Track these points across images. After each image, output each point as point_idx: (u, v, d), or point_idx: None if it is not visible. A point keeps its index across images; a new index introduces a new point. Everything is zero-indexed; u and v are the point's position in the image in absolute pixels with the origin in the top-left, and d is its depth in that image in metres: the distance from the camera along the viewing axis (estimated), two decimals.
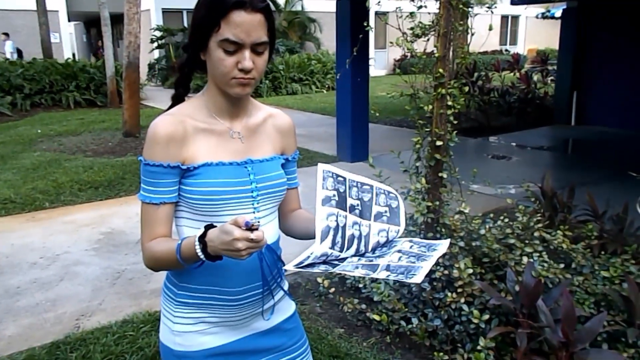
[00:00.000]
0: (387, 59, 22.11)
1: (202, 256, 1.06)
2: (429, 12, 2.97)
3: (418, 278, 1.05)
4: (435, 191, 2.95)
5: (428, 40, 2.94)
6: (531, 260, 2.64)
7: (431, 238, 2.84)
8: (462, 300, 2.55)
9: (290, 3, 19.18)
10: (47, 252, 4.14)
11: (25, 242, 4.35)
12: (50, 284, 3.60)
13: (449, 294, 2.59)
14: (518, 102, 10.34)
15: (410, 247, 1.20)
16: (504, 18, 25.32)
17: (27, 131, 9.24)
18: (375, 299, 2.86)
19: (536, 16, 22.01)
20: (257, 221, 1.01)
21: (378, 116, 9.38)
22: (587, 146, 8.42)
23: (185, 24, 17.55)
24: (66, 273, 3.78)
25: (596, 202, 3.40)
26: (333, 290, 3.18)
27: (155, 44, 16.28)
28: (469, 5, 2.88)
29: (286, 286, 1.40)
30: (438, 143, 2.88)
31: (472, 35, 2.87)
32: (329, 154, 7.37)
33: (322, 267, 1.11)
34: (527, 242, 2.82)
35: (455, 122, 2.91)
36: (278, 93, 14.92)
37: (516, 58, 13.59)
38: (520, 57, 14.34)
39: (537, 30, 25.67)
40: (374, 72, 19.46)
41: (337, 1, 6.83)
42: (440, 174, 2.94)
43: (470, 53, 2.92)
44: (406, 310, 2.77)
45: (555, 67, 11.41)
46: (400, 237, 1.27)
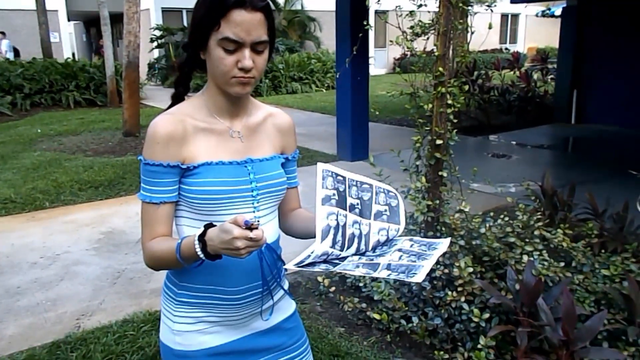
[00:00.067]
0: (387, 58, 22.11)
1: (202, 255, 1.06)
2: (429, 11, 2.97)
3: (419, 277, 1.05)
4: (435, 190, 2.95)
5: (428, 38, 2.94)
6: (531, 258, 2.64)
7: (431, 237, 2.84)
8: (463, 299, 2.55)
9: (290, 2, 19.17)
10: (48, 252, 4.14)
11: (25, 242, 4.35)
12: (50, 284, 3.60)
13: (449, 293, 2.59)
14: (518, 101, 10.34)
15: (410, 246, 1.20)
16: (504, 16, 25.31)
17: (27, 131, 9.23)
18: (375, 298, 2.86)
19: (536, 14, 21.97)
20: (257, 220, 1.01)
21: (378, 115, 9.37)
22: (587, 145, 8.41)
23: (184, 23, 17.55)
24: (66, 273, 3.78)
25: (596, 201, 3.40)
26: (333, 289, 3.18)
27: (155, 44, 16.28)
28: (469, 3, 2.87)
29: (286, 285, 1.40)
30: (438, 142, 2.88)
31: (472, 33, 2.87)
32: (329, 153, 7.37)
33: (323, 266, 1.11)
34: (528, 241, 2.82)
35: (455, 121, 2.91)
36: (278, 92, 14.92)
37: (516, 56, 13.58)
38: (520, 56, 14.34)
39: (537, 28, 25.66)
40: (374, 71, 19.47)
41: (337, 0, 6.82)
42: (440, 173, 2.93)
43: (470, 52, 2.92)
44: (406, 309, 2.77)
45: (555, 66, 11.40)
46: (400, 236, 1.27)
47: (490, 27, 2.97)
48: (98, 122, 10.05)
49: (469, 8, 2.90)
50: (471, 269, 2.58)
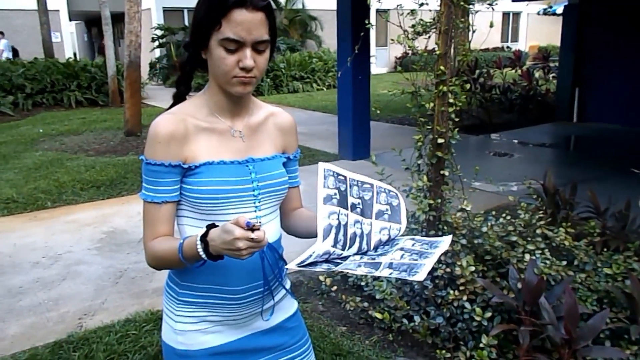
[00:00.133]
0: (389, 57, 22.08)
1: (204, 255, 1.06)
2: (430, 10, 2.96)
3: (421, 275, 1.04)
4: (437, 189, 2.95)
5: (429, 37, 2.93)
6: (533, 257, 2.64)
7: (433, 236, 2.84)
8: (465, 298, 2.55)
9: (291, 1, 19.15)
10: (50, 252, 4.15)
11: (27, 242, 4.36)
12: (52, 284, 3.60)
13: (451, 292, 2.59)
14: (520, 99, 10.33)
15: (412, 245, 1.20)
16: (505, 15, 25.27)
17: (29, 131, 9.25)
18: (377, 297, 2.86)
19: (537, 13, 21.95)
20: (258, 221, 1.01)
21: (379, 114, 9.31)
22: (589, 143, 8.40)
23: (186, 23, 17.55)
24: (68, 272, 3.78)
25: (598, 199, 3.40)
26: (335, 288, 3.18)
27: (156, 43, 16.28)
28: (470, 2, 2.87)
29: (288, 285, 1.40)
30: (440, 141, 2.87)
31: (474, 32, 2.87)
32: (331, 152, 7.37)
33: (325, 266, 1.11)
34: (530, 240, 2.82)
35: (456, 120, 2.90)
36: (279, 91, 14.92)
37: (518, 55, 13.60)
38: (521, 54, 14.33)
39: (539, 27, 25.61)
40: (375, 70, 19.45)
41: None
42: (442, 172, 2.93)
43: (471, 50, 2.91)
44: (408, 308, 2.77)
45: (556, 64, 11.39)
46: (402, 235, 1.27)
47: (491, 26, 2.96)
48: (100, 122, 10.06)
49: (470, 6, 2.89)
50: (473, 268, 2.57)
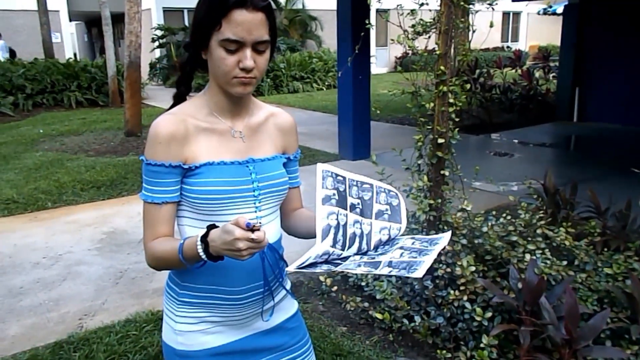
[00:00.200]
0: (389, 57, 22.08)
1: (204, 256, 1.06)
2: (430, 10, 2.96)
3: (420, 272, 1.04)
4: (437, 189, 2.95)
5: (429, 37, 2.93)
6: (534, 257, 2.64)
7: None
8: (465, 298, 2.55)
9: (291, 1, 19.15)
10: (50, 252, 4.15)
11: (27, 242, 4.36)
12: (53, 284, 3.60)
13: (452, 292, 2.58)
14: (520, 99, 10.33)
15: (412, 244, 1.20)
16: (505, 15, 25.27)
17: (29, 131, 9.25)
18: (377, 297, 2.86)
19: (537, 12, 21.94)
20: (259, 222, 1.01)
21: (379, 114, 9.32)
22: (590, 143, 8.40)
23: (186, 23, 17.55)
24: (69, 273, 3.78)
25: (599, 199, 3.39)
26: (335, 288, 3.18)
27: (156, 43, 16.29)
28: (470, 2, 2.87)
29: (288, 285, 1.40)
30: (440, 140, 2.87)
31: (474, 32, 2.87)
32: (331, 152, 7.36)
33: (325, 267, 1.11)
34: (530, 240, 2.82)
35: (457, 120, 2.90)
36: (279, 91, 14.92)
37: (518, 55, 13.60)
38: (521, 54, 14.33)
39: (539, 26, 25.60)
40: (375, 70, 19.45)
41: None
42: (442, 172, 2.93)
43: (471, 50, 2.91)
44: (409, 308, 2.76)
45: (557, 64, 11.39)
46: (402, 235, 1.27)
47: (491, 26, 2.96)
48: (100, 122, 10.06)
49: (470, 6, 2.89)
50: (473, 268, 2.57)
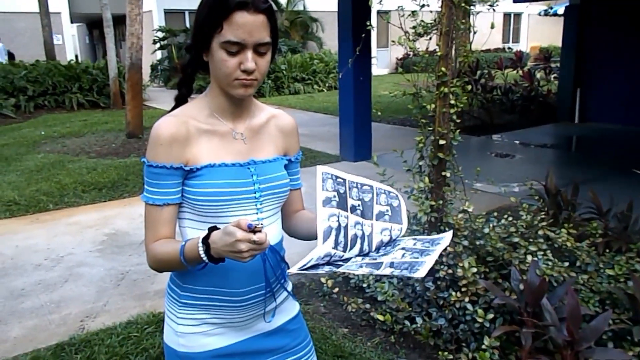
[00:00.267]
0: (390, 58, 22.10)
1: (205, 258, 1.06)
2: (431, 11, 2.96)
3: (422, 272, 1.04)
4: (438, 190, 2.95)
5: (430, 38, 2.93)
6: (535, 258, 2.63)
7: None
8: (467, 299, 2.55)
9: (292, 3, 19.18)
10: (52, 254, 4.15)
11: (29, 244, 4.36)
12: (54, 286, 3.61)
13: (453, 293, 2.58)
14: (521, 100, 10.32)
15: (414, 244, 1.20)
16: (507, 16, 25.27)
17: (31, 133, 9.26)
18: (379, 299, 2.86)
19: (539, 14, 21.91)
20: (260, 223, 1.01)
21: (381, 115, 9.36)
22: (591, 143, 8.39)
23: (187, 25, 17.57)
24: (70, 274, 3.79)
25: (600, 200, 3.39)
26: (337, 290, 3.18)
27: (157, 45, 16.30)
28: (471, 3, 2.87)
29: (290, 287, 1.39)
30: (441, 142, 2.87)
31: (475, 33, 2.87)
32: (332, 154, 7.36)
33: (327, 268, 1.11)
34: (532, 241, 2.81)
35: (458, 121, 2.90)
36: (280, 93, 14.93)
37: (519, 56, 13.56)
38: (523, 55, 14.29)
39: (540, 27, 25.60)
40: (377, 71, 19.45)
41: (339, 0, 6.82)
42: (443, 173, 2.93)
43: (472, 51, 2.90)
44: (410, 309, 2.76)
45: (558, 65, 11.38)
46: (403, 236, 1.27)
47: (492, 27, 2.95)
48: (101, 124, 10.08)
49: (471, 8, 2.89)
50: (475, 269, 2.57)
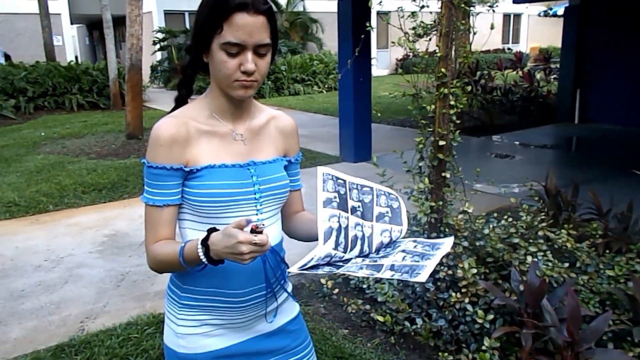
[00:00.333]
0: (390, 59, 22.10)
1: (205, 260, 1.06)
2: (431, 12, 2.96)
3: (422, 277, 1.04)
4: (438, 191, 2.95)
5: (430, 39, 2.93)
6: (535, 259, 2.63)
7: (435, 238, 2.83)
8: (467, 300, 2.55)
9: (292, 4, 19.19)
10: (51, 255, 4.15)
11: (29, 245, 4.36)
12: (54, 287, 3.61)
13: (453, 294, 2.58)
14: (521, 101, 10.33)
15: (414, 247, 1.20)
16: (506, 16, 25.28)
17: (31, 134, 9.27)
18: (379, 300, 2.86)
19: (538, 14, 21.93)
20: (262, 223, 1.01)
21: (380, 116, 9.38)
22: (591, 144, 8.39)
23: (187, 26, 17.58)
24: (70, 275, 3.78)
25: (600, 201, 3.39)
26: (337, 291, 3.18)
27: (157, 46, 16.31)
28: (471, 4, 2.87)
29: (290, 288, 1.39)
30: (441, 143, 2.87)
31: (474, 34, 2.87)
32: (332, 154, 7.36)
33: (327, 269, 1.11)
34: (531, 242, 2.81)
35: (458, 122, 2.90)
36: (280, 94, 14.94)
37: (519, 56, 13.57)
38: (522, 56, 14.30)
39: (540, 28, 25.61)
40: (376, 72, 19.48)
41: (339, 1, 6.82)
42: (443, 174, 2.93)
43: (472, 52, 2.91)
44: (410, 310, 2.76)
45: (558, 65, 11.39)
46: (403, 238, 1.27)
47: (492, 28, 2.96)
48: (101, 125, 10.08)
49: (471, 8, 2.89)
50: (475, 270, 2.57)
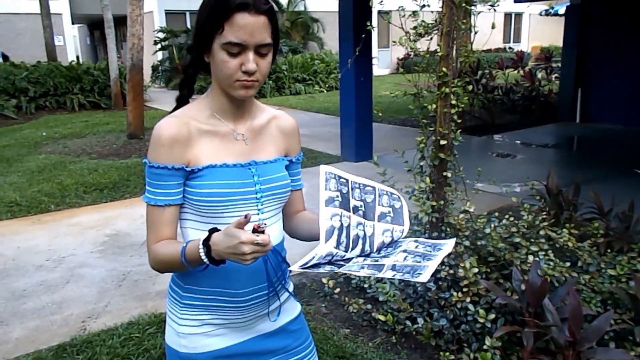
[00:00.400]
0: (391, 58, 22.10)
1: (206, 260, 1.06)
2: (432, 11, 2.96)
3: (424, 277, 1.05)
4: (439, 190, 2.95)
5: (431, 39, 2.93)
6: (537, 258, 2.63)
7: (436, 237, 2.84)
8: (468, 299, 2.55)
9: (293, 3, 19.20)
10: (53, 255, 4.15)
11: (30, 245, 4.37)
12: (56, 287, 3.61)
13: (455, 294, 2.58)
14: (522, 100, 10.32)
15: (415, 247, 1.20)
16: (507, 16, 25.26)
17: (32, 134, 9.28)
18: (380, 299, 2.86)
19: (539, 13, 21.92)
20: (263, 223, 1.01)
21: (382, 115, 9.36)
22: (592, 143, 8.38)
23: (188, 26, 17.59)
24: (72, 275, 3.79)
25: (602, 200, 3.39)
26: (338, 290, 3.18)
27: (158, 46, 16.32)
28: (472, 3, 2.87)
29: (291, 287, 1.40)
30: (442, 142, 2.87)
31: (476, 33, 2.87)
32: (333, 154, 7.36)
33: (328, 268, 1.11)
34: (533, 241, 2.81)
35: (459, 121, 2.90)
36: (282, 93, 14.94)
37: (520, 56, 13.56)
38: (524, 55, 14.30)
39: (541, 27, 25.59)
40: (377, 72, 19.48)
41: (340, 1, 6.82)
42: (444, 173, 2.93)
43: (473, 51, 2.91)
44: (412, 310, 2.76)
45: (559, 65, 11.38)
46: (405, 237, 1.27)
47: (493, 27, 2.96)
48: (102, 125, 10.09)
49: (472, 8, 2.89)
50: (476, 270, 2.57)
